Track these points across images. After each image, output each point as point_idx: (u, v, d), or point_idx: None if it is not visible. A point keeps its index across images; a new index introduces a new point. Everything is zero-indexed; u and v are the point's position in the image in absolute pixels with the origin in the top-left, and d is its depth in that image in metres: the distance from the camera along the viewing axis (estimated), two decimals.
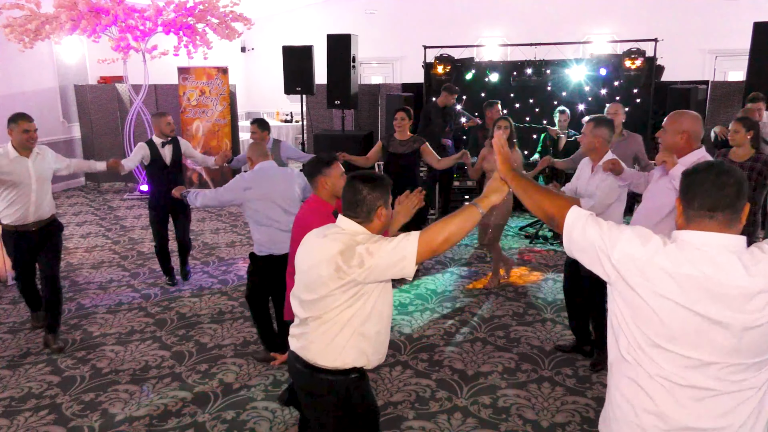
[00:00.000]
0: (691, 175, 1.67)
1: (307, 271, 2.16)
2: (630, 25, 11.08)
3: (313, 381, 2.22)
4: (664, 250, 1.61)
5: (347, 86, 7.93)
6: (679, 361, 1.61)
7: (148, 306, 5.19)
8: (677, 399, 1.63)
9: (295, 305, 2.26)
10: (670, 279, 1.58)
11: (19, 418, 3.53)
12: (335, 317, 2.13)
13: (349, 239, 2.09)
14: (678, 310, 1.58)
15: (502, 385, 3.85)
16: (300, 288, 2.22)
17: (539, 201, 1.89)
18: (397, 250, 2.01)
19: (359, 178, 2.18)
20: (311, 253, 2.17)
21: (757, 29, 6.56)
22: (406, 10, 12.95)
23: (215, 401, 3.69)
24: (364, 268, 2.03)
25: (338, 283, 2.06)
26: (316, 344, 2.18)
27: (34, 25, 7.67)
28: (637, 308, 1.64)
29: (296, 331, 2.27)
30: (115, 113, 10.15)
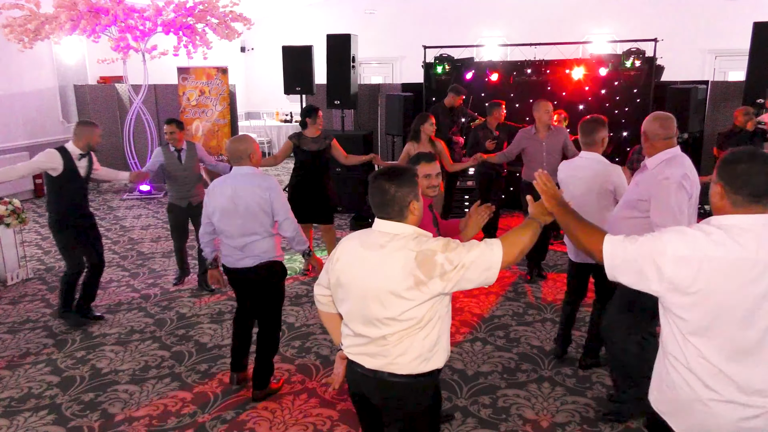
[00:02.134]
0: (740, 164, 1.77)
1: (372, 289, 2.02)
2: (630, 25, 11.08)
3: (410, 390, 2.10)
4: (711, 240, 1.73)
5: (347, 86, 7.93)
6: (743, 334, 1.75)
7: (147, 306, 5.19)
8: (748, 367, 1.77)
9: (359, 325, 2.11)
10: (724, 265, 1.71)
11: (19, 419, 3.53)
12: (424, 324, 2.04)
13: (416, 245, 1.99)
14: (738, 290, 1.71)
15: (501, 385, 3.85)
16: (366, 308, 2.06)
17: (579, 237, 2.02)
18: (483, 259, 1.98)
19: (383, 176, 2.07)
20: (370, 268, 2.04)
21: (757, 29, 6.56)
22: (406, 10, 12.95)
23: (215, 401, 3.69)
24: (447, 280, 1.96)
25: (421, 298, 1.98)
26: (408, 354, 2.06)
27: (34, 25, 7.68)
28: (698, 303, 1.75)
29: (370, 350, 2.10)
30: (115, 113, 10.15)
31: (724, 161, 1.82)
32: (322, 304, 2.37)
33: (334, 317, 2.34)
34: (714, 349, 1.78)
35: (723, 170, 1.80)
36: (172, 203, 5.38)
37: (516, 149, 5.63)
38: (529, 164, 5.58)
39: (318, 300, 2.38)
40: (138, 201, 9.31)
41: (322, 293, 2.34)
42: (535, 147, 5.52)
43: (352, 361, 2.17)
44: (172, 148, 5.25)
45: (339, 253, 2.18)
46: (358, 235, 2.17)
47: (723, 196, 1.79)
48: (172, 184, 5.32)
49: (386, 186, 2.05)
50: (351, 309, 2.12)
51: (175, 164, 5.25)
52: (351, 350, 2.17)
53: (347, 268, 2.12)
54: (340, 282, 2.14)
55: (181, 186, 5.29)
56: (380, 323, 2.04)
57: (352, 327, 2.15)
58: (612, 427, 3.37)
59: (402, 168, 2.12)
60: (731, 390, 1.78)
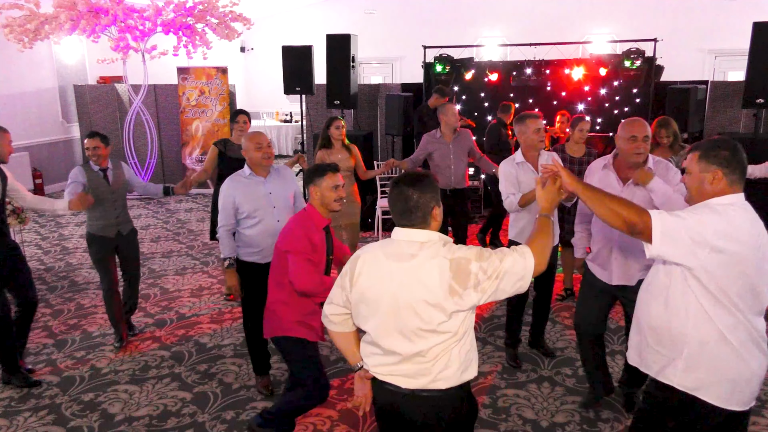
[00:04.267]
0: (728, 149, 2.05)
1: (408, 301, 1.96)
2: (629, 25, 11.08)
3: (453, 401, 2.06)
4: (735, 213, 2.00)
5: (347, 86, 7.92)
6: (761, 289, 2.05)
7: (147, 306, 5.18)
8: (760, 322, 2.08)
9: (391, 341, 2.02)
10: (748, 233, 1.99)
11: (19, 419, 3.52)
12: (460, 337, 2.01)
13: (448, 252, 1.95)
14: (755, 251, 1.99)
15: (501, 385, 3.85)
16: (401, 321, 1.98)
17: (618, 211, 2.05)
18: (516, 268, 1.95)
19: (404, 182, 2.00)
20: (402, 279, 1.97)
21: (757, 29, 6.55)
22: (406, 10, 12.95)
23: (215, 401, 3.69)
24: (482, 291, 1.94)
25: (456, 308, 1.94)
26: (451, 368, 2.00)
27: (34, 25, 7.68)
28: (734, 270, 1.98)
29: (405, 370, 2.02)
30: (115, 113, 10.15)
31: (711, 150, 2.07)
32: (335, 324, 2.22)
33: (349, 336, 2.24)
34: (744, 310, 2.01)
35: (717, 158, 2.05)
36: (95, 234, 4.33)
37: (422, 154, 5.40)
38: (436, 169, 5.36)
39: (330, 320, 2.23)
40: (138, 201, 9.32)
41: (336, 312, 2.20)
42: (442, 151, 5.33)
43: (383, 381, 2.07)
44: (96, 167, 4.30)
45: (360, 267, 2.07)
46: (380, 246, 2.07)
47: (721, 179, 2.05)
48: (97, 211, 4.29)
49: (409, 192, 1.98)
50: (380, 324, 2.02)
51: (101, 186, 4.28)
52: (379, 369, 2.08)
53: (374, 282, 2.02)
54: (365, 297, 2.05)
55: (108, 211, 4.33)
56: (416, 336, 1.97)
57: (381, 344, 2.04)
58: (612, 427, 3.37)
59: (422, 173, 2.07)
60: (758, 343, 2.06)
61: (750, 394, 2.09)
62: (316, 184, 2.90)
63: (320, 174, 2.90)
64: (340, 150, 5.20)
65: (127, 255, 4.51)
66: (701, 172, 2.07)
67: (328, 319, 2.23)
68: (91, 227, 4.36)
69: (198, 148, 9.72)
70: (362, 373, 2.16)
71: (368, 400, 2.17)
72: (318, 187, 2.90)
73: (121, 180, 4.45)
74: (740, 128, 7.84)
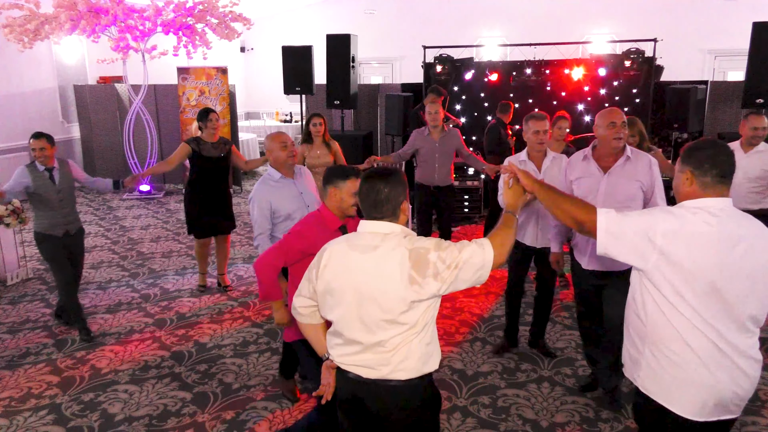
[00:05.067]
0: (705, 150, 1.97)
1: (370, 291, 2.00)
2: (629, 25, 11.08)
3: (414, 391, 2.08)
4: (698, 218, 1.89)
5: (347, 86, 7.93)
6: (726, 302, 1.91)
7: (147, 306, 5.19)
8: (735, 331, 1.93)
9: (354, 331, 2.06)
10: (708, 240, 1.87)
11: (19, 418, 3.53)
12: (420, 329, 2.03)
13: (408, 243, 1.99)
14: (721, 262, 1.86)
15: (501, 385, 3.85)
16: (363, 311, 2.02)
17: (568, 210, 2.09)
18: (476, 259, 1.98)
19: (376, 177, 2.07)
20: (364, 270, 2.01)
21: (757, 29, 6.56)
22: (406, 10, 12.95)
23: (215, 401, 3.69)
24: (441, 281, 1.95)
25: (415, 298, 1.96)
26: (411, 359, 2.03)
27: (34, 25, 7.67)
28: (686, 278, 1.88)
29: (367, 360, 2.05)
30: (115, 113, 10.15)
31: (689, 150, 2.01)
32: (303, 316, 2.28)
33: (317, 327, 2.29)
34: (706, 317, 1.90)
35: (690, 158, 1.99)
36: (43, 233, 4.41)
37: (410, 149, 5.59)
38: (422, 165, 5.57)
39: (299, 312, 2.28)
40: (138, 201, 9.32)
41: (304, 304, 2.25)
42: (427, 148, 5.47)
43: (346, 370, 2.12)
44: (41, 167, 4.34)
45: (326, 259, 2.11)
46: (346, 239, 2.13)
47: (692, 181, 1.97)
48: (43, 210, 4.39)
49: (380, 185, 2.05)
50: (344, 315, 2.07)
51: (47, 186, 4.35)
52: (343, 359, 2.12)
53: (338, 273, 2.07)
54: (331, 288, 2.09)
55: (55, 211, 4.40)
56: (377, 327, 2.01)
57: (345, 334, 2.09)
58: (612, 427, 3.38)
59: (391, 169, 2.13)
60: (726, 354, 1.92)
61: (718, 407, 1.96)
62: (337, 187, 2.80)
63: (343, 177, 2.79)
64: (319, 146, 5.38)
65: (73, 254, 4.58)
66: (678, 172, 2.03)
67: (296, 311, 2.28)
68: (39, 226, 4.42)
69: None
70: (328, 362, 2.21)
71: (331, 389, 2.21)
72: (339, 190, 2.80)
73: (68, 179, 4.48)
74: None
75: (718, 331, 1.91)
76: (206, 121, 5.07)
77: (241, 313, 4.99)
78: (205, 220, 5.25)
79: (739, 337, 1.93)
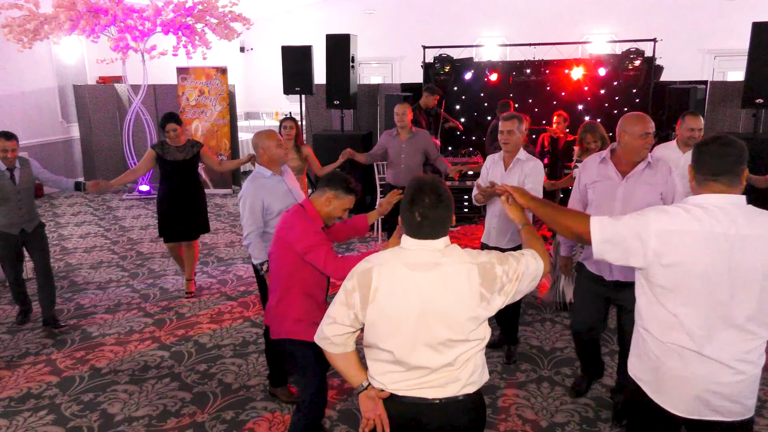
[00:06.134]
0: (701, 146, 1.98)
1: (437, 312, 1.87)
2: (629, 25, 11.09)
3: (475, 405, 2.03)
4: (691, 215, 1.89)
5: (346, 86, 7.93)
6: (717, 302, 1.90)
7: (147, 306, 5.18)
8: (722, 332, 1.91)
9: (419, 357, 1.91)
10: (701, 238, 1.86)
11: (18, 419, 3.52)
12: (483, 338, 1.99)
13: (470, 257, 1.93)
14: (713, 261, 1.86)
15: (501, 385, 3.85)
16: (429, 334, 1.89)
17: (564, 224, 2.14)
18: (531, 269, 1.99)
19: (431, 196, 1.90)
20: (429, 289, 1.88)
21: (756, 29, 6.55)
22: (406, 10, 12.95)
23: (214, 401, 3.69)
24: (505, 294, 1.93)
25: (484, 315, 1.91)
26: (477, 372, 2.00)
27: (33, 25, 7.67)
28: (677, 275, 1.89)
29: (433, 381, 1.94)
30: (114, 113, 10.15)
31: (695, 145, 2.03)
32: (336, 346, 2.03)
33: (351, 355, 2.08)
34: (692, 316, 1.91)
35: (693, 153, 2.01)
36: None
37: (379, 149, 5.67)
38: (390, 165, 5.68)
39: (331, 342, 2.02)
40: (137, 201, 9.31)
41: (339, 333, 2.00)
42: (395, 148, 5.56)
43: (403, 396, 1.97)
44: (3, 167, 4.36)
45: (376, 282, 1.91)
46: (394, 258, 1.93)
47: (692, 177, 2.01)
48: (1, 208, 4.43)
49: (439, 211, 1.90)
50: (406, 341, 1.91)
51: (7, 186, 4.39)
52: (400, 386, 1.97)
53: (398, 296, 1.89)
54: (387, 313, 1.90)
55: (13, 210, 4.44)
56: (446, 348, 1.90)
57: (407, 361, 1.92)
58: (612, 427, 3.38)
59: (442, 185, 1.96)
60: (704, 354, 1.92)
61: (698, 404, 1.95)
62: (338, 197, 2.80)
63: (347, 191, 2.81)
64: (290, 150, 5.33)
65: (34, 249, 4.65)
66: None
67: (329, 341, 2.02)
68: None
69: None
70: (372, 392, 2.01)
71: (384, 420, 1.99)
72: (337, 200, 2.80)
73: (28, 179, 4.51)
74: (740, 128, 7.85)
75: (706, 328, 1.90)
76: (163, 131, 5.03)
77: (240, 313, 4.99)
78: (172, 225, 5.18)
79: (731, 338, 1.90)
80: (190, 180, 5.19)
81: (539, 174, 3.87)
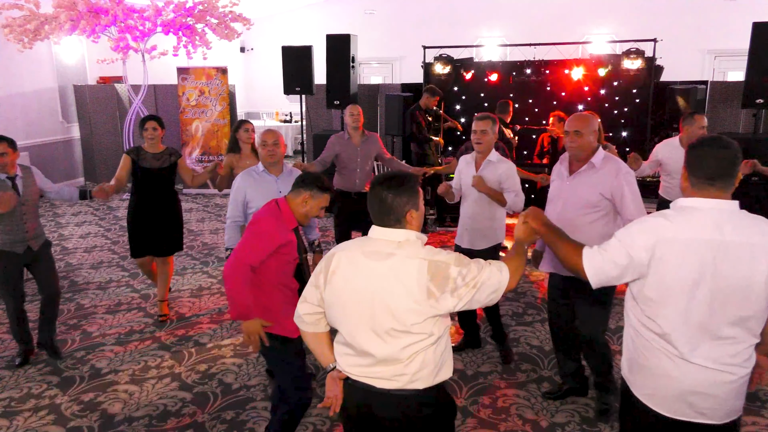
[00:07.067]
0: (698, 148, 1.93)
1: (383, 300, 1.93)
2: (629, 25, 11.08)
3: (426, 401, 2.03)
4: (670, 222, 1.88)
5: (347, 86, 7.93)
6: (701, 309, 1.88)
7: (147, 306, 5.19)
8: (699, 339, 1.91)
9: (367, 342, 1.98)
10: (680, 245, 1.85)
11: (19, 419, 3.52)
12: (435, 340, 1.98)
13: (427, 253, 1.95)
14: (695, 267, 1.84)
15: (501, 385, 3.85)
16: (375, 321, 1.95)
17: (564, 256, 2.10)
18: (493, 281, 1.97)
19: (380, 184, 2.00)
20: (378, 278, 1.94)
21: (757, 29, 6.55)
22: (406, 10, 12.95)
23: (215, 401, 3.69)
24: (458, 297, 1.92)
25: (431, 312, 1.92)
26: (427, 369, 1.98)
27: (34, 25, 7.68)
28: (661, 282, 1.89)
29: (380, 372, 1.99)
30: (115, 113, 10.15)
31: (689, 146, 1.97)
32: (307, 324, 2.16)
33: (322, 336, 2.18)
34: (677, 323, 1.90)
35: (687, 154, 1.96)
36: (0, 250, 3.87)
37: (329, 155, 5.19)
38: (341, 171, 5.24)
39: (303, 320, 2.16)
40: None
41: (309, 311, 2.14)
42: (349, 153, 5.18)
43: (356, 381, 2.04)
44: (2, 175, 3.81)
45: (335, 265, 2.03)
46: (356, 245, 2.04)
47: (686, 178, 1.96)
48: (2, 224, 3.84)
49: (383, 194, 1.98)
50: (355, 324, 1.99)
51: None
52: (354, 370, 2.05)
53: (349, 280, 1.99)
54: (339, 295, 2.01)
55: (17, 225, 3.86)
56: (390, 337, 1.95)
57: (356, 345, 2.01)
58: (612, 427, 3.38)
59: (403, 175, 2.04)
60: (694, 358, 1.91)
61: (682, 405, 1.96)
62: (313, 196, 2.82)
63: (322, 190, 2.83)
64: (248, 155, 4.78)
65: (42, 273, 4.06)
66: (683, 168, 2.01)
67: (300, 318, 2.16)
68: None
69: (198, 149, 9.72)
70: (335, 373, 2.10)
71: (339, 400, 2.09)
72: (313, 199, 2.82)
73: (33, 188, 3.95)
74: (740, 128, 7.85)
75: (691, 335, 1.89)
76: (142, 130, 4.58)
77: None
78: (142, 238, 4.70)
79: (717, 344, 1.89)
80: (166, 191, 4.70)
81: (513, 176, 3.90)
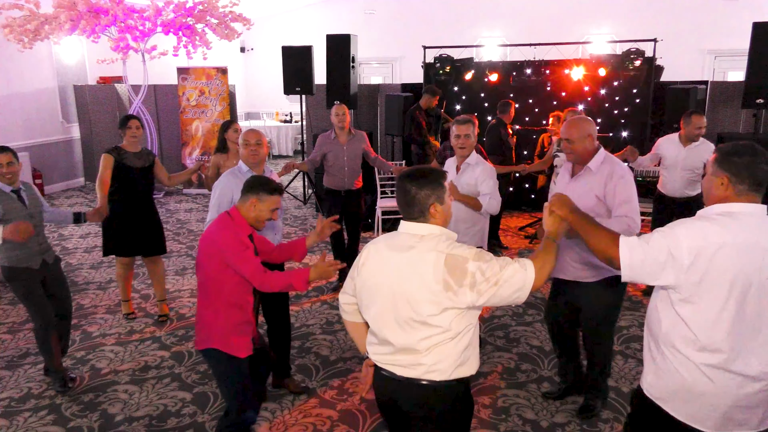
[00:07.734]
0: (744, 157, 1.94)
1: (402, 291, 2.00)
2: (629, 25, 11.09)
3: (446, 395, 2.05)
4: (721, 227, 1.88)
5: (347, 86, 7.93)
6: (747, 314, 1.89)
7: (147, 306, 5.18)
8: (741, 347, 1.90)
9: (388, 331, 2.05)
10: (733, 249, 1.85)
11: (19, 419, 3.53)
12: (456, 333, 2.00)
13: (446, 247, 1.98)
14: (746, 271, 1.85)
15: (501, 385, 3.85)
16: (397, 311, 2.02)
17: (596, 245, 2.05)
18: (516, 279, 1.96)
19: (407, 176, 2.06)
20: (398, 269, 2.02)
21: (757, 29, 6.56)
22: (406, 10, 12.96)
23: (215, 401, 3.69)
24: (478, 293, 1.94)
25: (448, 304, 1.95)
26: (446, 362, 2.01)
27: (34, 25, 7.67)
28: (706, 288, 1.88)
29: (399, 360, 2.05)
30: (115, 113, 10.14)
31: (727, 155, 1.97)
32: (347, 313, 2.33)
33: (360, 326, 2.32)
34: (721, 332, 1.89)
35: (727, 163, 1.96)
36: (16, 267, 3.65)
37: (317, 154, 5.32)
38: (330, 170, 5.35)
39: (342, 309, 2.33)
40: None
41: (347, 301, 2.30)
42: (336, 152, 5.28)
43: (382, 368, 2.13)
44: (8, 188, 3.63)
45: (364, 258, 2.15)
46: (384, 238, 2.14)
47: (728, 186, 1.95)
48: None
49: (408, 186, 2.04)
50: (379, 313, 2.08)
51: (18, 209, 3.62)
52: (379, 358, 2.13)
53: (375, 272, 2.09)
54: (367, 286, 2.12)
55: (29, 238, 3.57)
56: (408, 326, 2.00)
57: (379, 333, 2.10)
58: (612, 428, 3.38)
59: (428, 169, 2.10)
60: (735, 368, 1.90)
61: (726, 421, 1.94)
62: (260, 199, 2.79)
63: (269, 191, 2.80)
64: (236, 155, 4.63)
65: (55, 289, 3.91)
66: (712, 175, 2.00)
67: (342, 308, 2.33)
68: (10, 260, 3.64)
69: (198, 149, 9.73)
70: (368, 360, 2.21)
71: (367, 386, 2.21)
72: (260, 202, 2.79)
73: (36, 202, 3.82)
74: (740, 128, 7.85)
75: (734, 344, 1.88)
76: (125, 129, 4.53)
77: None
78: (129, 237, 4.65)
79: (759, 351, 1.90)
80: (149, 190, 4.72)
81: (490, 177, 3.91)
